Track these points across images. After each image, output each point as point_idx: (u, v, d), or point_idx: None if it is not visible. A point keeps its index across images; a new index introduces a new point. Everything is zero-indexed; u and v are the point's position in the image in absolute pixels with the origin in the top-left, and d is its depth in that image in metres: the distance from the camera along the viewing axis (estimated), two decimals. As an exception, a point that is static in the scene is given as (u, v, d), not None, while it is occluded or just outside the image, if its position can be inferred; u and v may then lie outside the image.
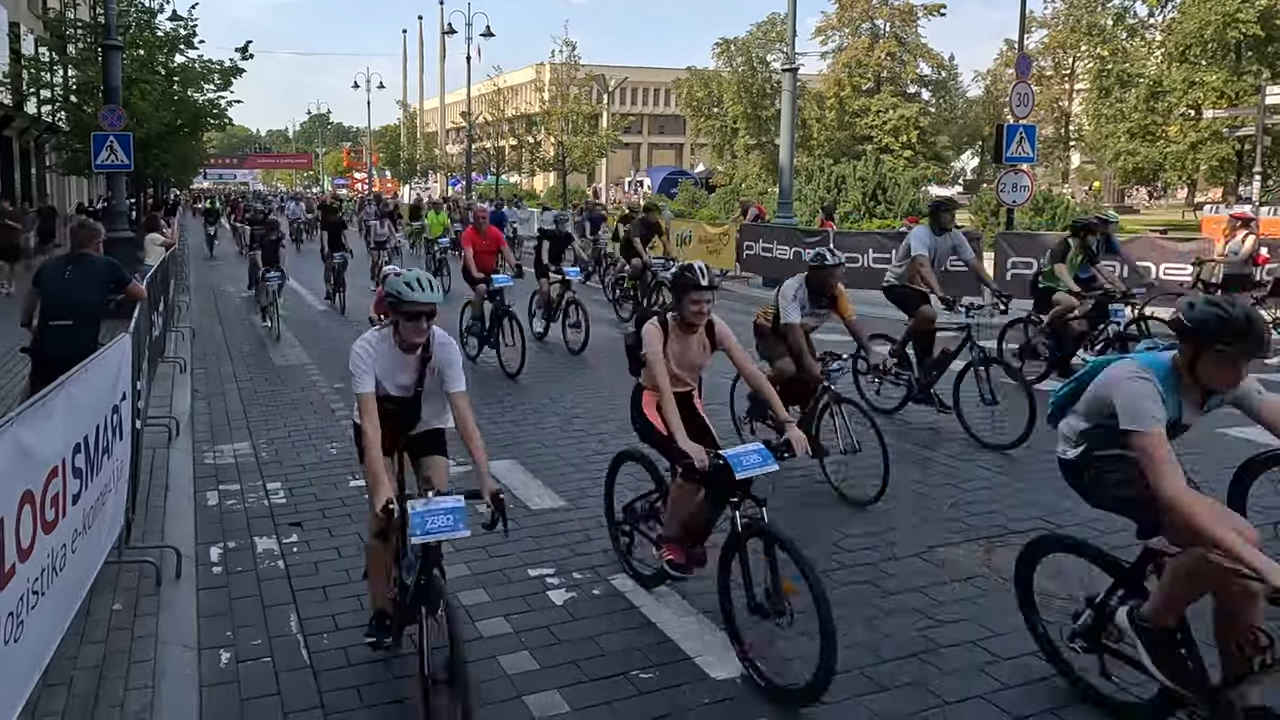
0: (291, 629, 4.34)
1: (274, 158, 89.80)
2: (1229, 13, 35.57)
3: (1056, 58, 51.32)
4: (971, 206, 29.22)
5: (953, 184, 60.68)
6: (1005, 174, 15.21)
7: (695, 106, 59.77)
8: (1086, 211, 25.40)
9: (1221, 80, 37.11)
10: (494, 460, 6.84)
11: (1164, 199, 55.76)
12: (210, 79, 22.00)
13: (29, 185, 29.30)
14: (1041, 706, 3.69)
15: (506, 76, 45.80)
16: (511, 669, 3.96)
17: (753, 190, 36.04)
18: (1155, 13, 42.67)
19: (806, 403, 6.28)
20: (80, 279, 6.13)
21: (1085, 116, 48.35)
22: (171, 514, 5.64)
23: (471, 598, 4.61)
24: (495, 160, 48.82)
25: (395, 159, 67.23)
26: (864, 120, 53.08)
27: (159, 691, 3.71)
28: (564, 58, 40.60)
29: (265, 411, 8.49)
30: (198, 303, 16.11)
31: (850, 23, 54.34)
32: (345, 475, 6.57)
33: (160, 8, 21.59)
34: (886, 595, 4.60)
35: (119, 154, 14.46)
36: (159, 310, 9.26)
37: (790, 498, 6.04)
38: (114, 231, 14.56)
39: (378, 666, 3.99)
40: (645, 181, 57.53)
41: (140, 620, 4.27)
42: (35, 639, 3.24)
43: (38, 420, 3.32)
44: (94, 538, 4.07)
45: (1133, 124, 40.40)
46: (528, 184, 58.70)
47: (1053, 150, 51.60)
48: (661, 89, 76.96)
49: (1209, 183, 43.14)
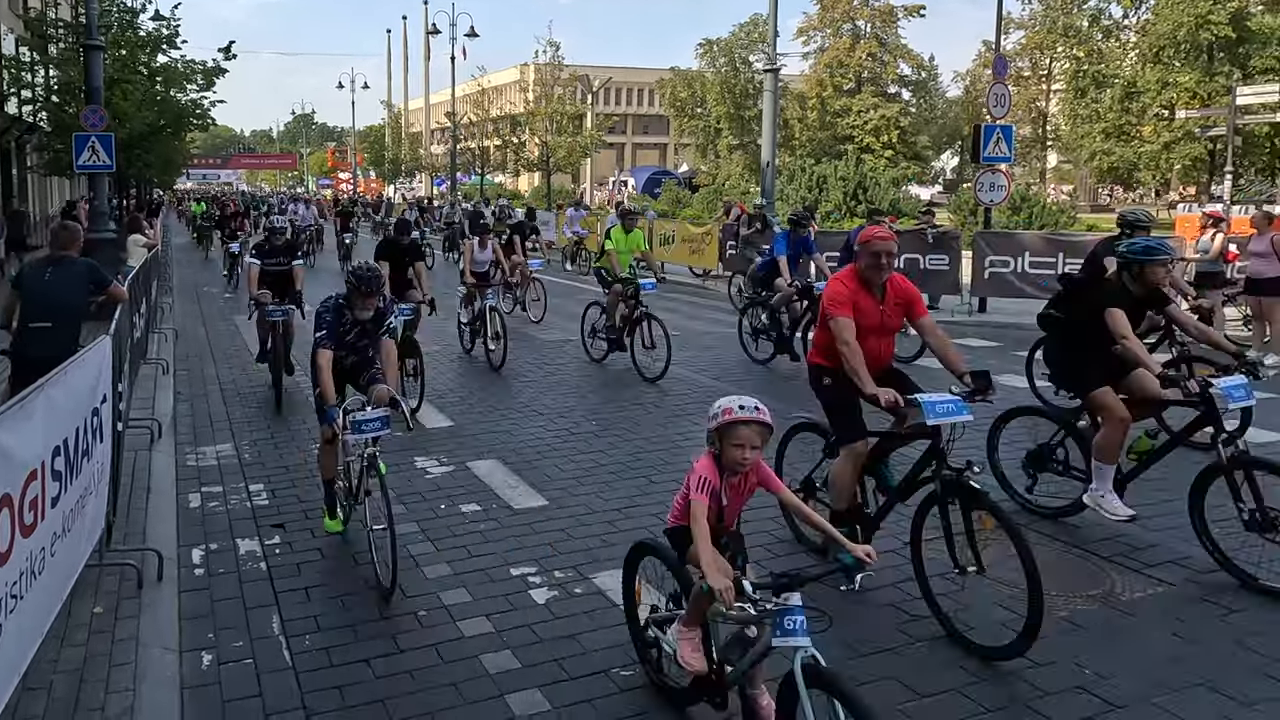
0: (274, 630, 4.35)
1: (258, 158, 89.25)
2: (1201, 15, 36.08)
3: (1034, 59, 51.72)
4: (951, 206, 29.49)
5: (933, 183, 61.06)
6: (983, 174, 15.34)
7: (679, 107, 59.92)
8: (1064, 211, 25.71)
9: (1194, 81, 37.59)
10: (478, 460, 6.89)
11: (1144, 198, 56.22)
12: (193, 79, 21.92)
13: (10, 186, 29.00)
14: (1015, 699, 3.75)
15: (491, 77, 45.76)
16: (493, 668, 3.99)
17: (736, 190, 36.21)
18: (1130, 14, 43.20)
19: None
20: (60, 281, 6.10)
21: (1062, 117, 48.83)
22: (153, 516, 5.64)
23: (453, 597, 4.64)
24: (480, 160, 48.73)
25: (380, 159, 67.02)
26: (845, 120, 53.32)
27: (140, 694, 3.72)
28: (548, 58, 40.58)
29: (248, 413, 8.48)
30: (180, 304, 16.02)
31: (831, 23, 54.60)
32: (327, 476, 6.57)
33: (143, 8, 21.54)
34: (863, 590, 4.65)
35: (101, 154, 14.37)
36: (141, 311, 9.22)
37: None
38: (96, 232, 14.50)
39: (359, 667, 4.01)
40: (629, 181, 57.54)
41: (121, 623, 4.27)
42: (14, 642, 3.24)
43: (16, 423, 3.31)
44: (74, 541, 4.06)
45: (1108, 124, 40.87)
46: (512, 184, 58.61)
47: (1030, 150, 51.98)
48: (645, 89, 77.04)
49: (1182, 182, 43.62)
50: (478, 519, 5.73)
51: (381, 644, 4.20)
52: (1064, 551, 5.21)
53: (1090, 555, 5.14)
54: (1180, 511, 5.06)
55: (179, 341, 12.04)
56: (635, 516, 5.73)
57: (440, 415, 8.28)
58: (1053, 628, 4.25)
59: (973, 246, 14.66)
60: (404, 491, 6.21)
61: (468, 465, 6.78)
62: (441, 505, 5.97)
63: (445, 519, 5.73)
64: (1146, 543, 5.28)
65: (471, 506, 5.92)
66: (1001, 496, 5.71)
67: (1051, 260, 13.76)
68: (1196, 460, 5.42)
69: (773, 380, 9.77)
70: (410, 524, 5.61)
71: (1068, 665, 3.98)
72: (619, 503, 5.99)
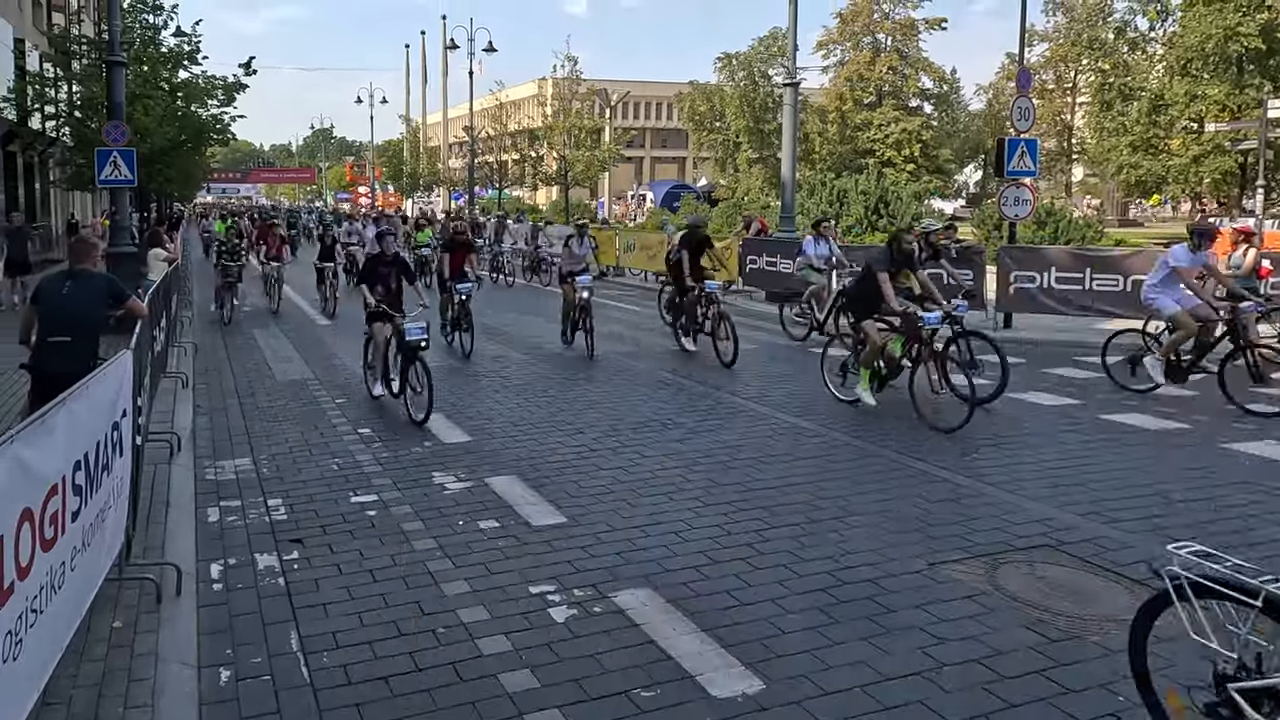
0: (292, 647, 4.32)
1: (277, 172, 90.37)
2: (1230, 26, 35.67)
3: (1058, 71, 51.55)
4: (974, 220, 29.27)
5: (955, 197, 60.83)
6: (1007, 188, 15.21)
7: (697, 120, 60.10)
8: (1090, 225, 25.44)
9: (1223, 93, 37.18)
10: (496, 476, 6.86)
11: (1174, 211, 55.75)
12: (214, 94, 22.13)
13: (33, 200, 29.37)
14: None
15: (508, 91, 46.13)
16: (512, 687, 3.93)
17: (755, 204, 36.14)
18: (1156, 26, 42.87)
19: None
20: (78, 295, 6.03)
21: (1088, 130, 48.48)
22: (172, 530, 5.63)
23: (471, 615, 4.59)
24: (498, 174, 48.99)
25: (398, 173, 67.53)
26: (866, 134, 53.27)
27: (158, 709, 3.69)
28: (566, 72, 40.82)
29: (267, 427, 8.49)
30: (200, 318, 16.14)
31: (852, 37, 54.67)
32: (346, 492, 6.56)
33: (165, 24, 21.78)
34: (888, 612, 4.58)
35: (122, 169, 14.52)
36: (161, 326, 9.27)
37: (795, 509, 6.02)
38: (117, 246, 14.64)
39: (378, 685, 3.97)
40: (648, 195, 57.67)
41: (140, 637, 4.26)
42: (34, 657, 3.22)
43: (38, 437, 3.31)
44: (94, 555, 4.05)
45: (1135, 137, 40.48)
46: (530, 198, 58.87)
47: (1055, 163, 51.71)
48: (664, 103, 77.34)
49: (1212, 196, 43.14)
50: (496, 535, 5.69)
51: (400, 662, 4.16)
52: (1094, 573, 5.10)
53: (1123, 577, 5.03)
54: (1217, 525, 4.95)
55: (198, 355, 12.12)
56: (655, 535, 5.67)
57: (457, 430, 8.25)
58: (1086, 652, 4.15)
59: (997, 261, 14.54)
60: (422, 507, 6.18)
61: (486, 481, 6.74)
62: (460, 521, 5.93)
63: (463, 535, 5.69)
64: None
65: (490, 523, 5.88)
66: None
67: (1079, 275, 13.61)
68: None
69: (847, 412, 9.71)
70: (428, 540, 5.58)
71: (1099, 693, 3.88)
72: (640, 520, 5.93)
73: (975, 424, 7.97)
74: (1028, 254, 14.80)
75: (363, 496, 6.45)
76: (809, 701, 3.81)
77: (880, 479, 6.80)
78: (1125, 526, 5.74)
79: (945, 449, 7.55)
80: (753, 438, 7.97)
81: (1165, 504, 6.15)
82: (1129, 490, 6.46)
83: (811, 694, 3.87)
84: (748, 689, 3.89)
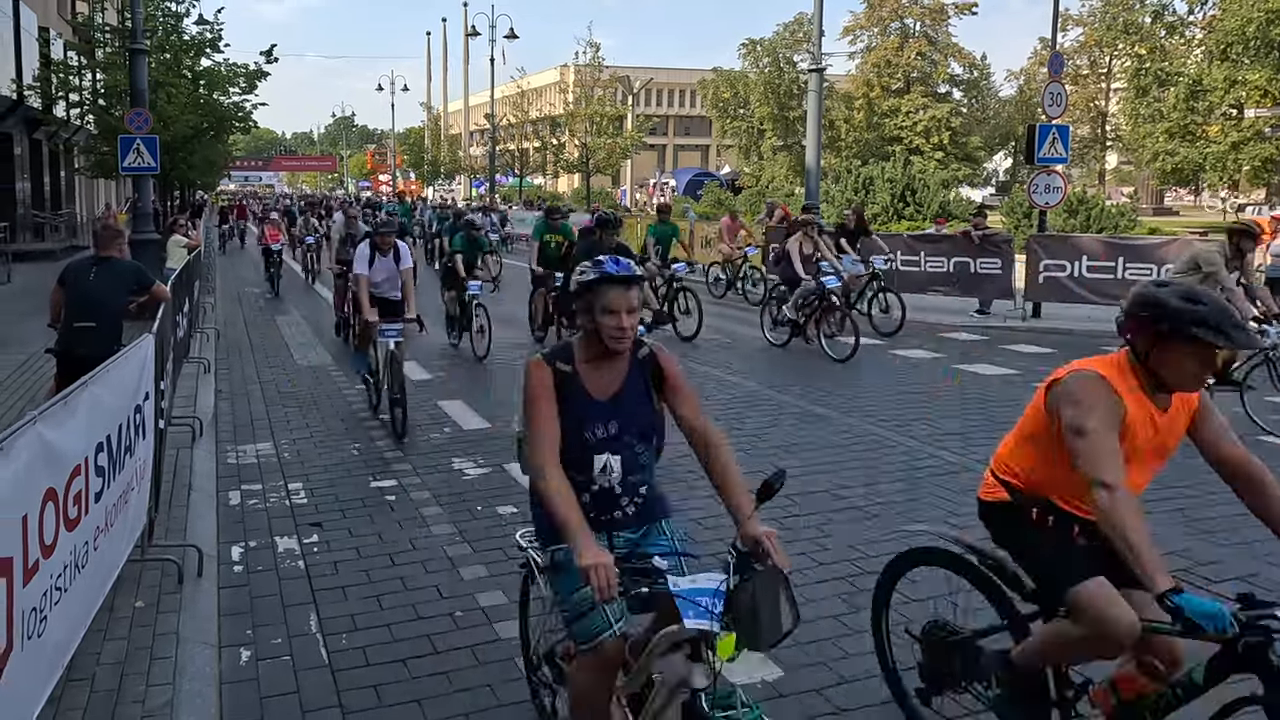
0: (311, 628, 4.34)
1: (298, 160, 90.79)
2: (1272, 10, 34.63)
3: (1093, 56, 50.61)
4: (1003, 208, 28.85)
5: (985, 185, 60.08)
6: (1038, 175, 14.99)
7: (721, 108, 59.65)
8: (1124, 214, 24.94)
9: (1264, 79, 36.15)
10: (514, 462, 6.84)
11: (1211, 201, 54.72)
12: (236, 82, 22.28)
13: (58, 188, 29.74)
14: None
15: (530, 78, 45.99)
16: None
17: (779, 192, 35.94)
18: (1195, 10, 41.82)
19: None
20: (104, 281, 6.13)
21: (1122, 116, 47.46)
22: (194, 513, 5.68)
23: (490, 599, 4.59)
24: (519, 162, 48.96)
25: (419, 161, 67.69)
26: (893, 121, 52.63)
27: (179, 688, 3.73)
28: (588, 59, 40.59)
29: (287, 412, 8.55)
30: (222, 304, 16.27)
31: (879, 22, 53.97)
32: (366, 476, 6.59)
33: (187, 12, 21.97)
34: (855, 611, 4.42)
35: (145, 157, 14.63)
36: (184, 311, 9.35)
37: (817, 498, 5.98)
38: (140, 233, 14.75)
39: (396, 667, 3.99)
40: (671, 183, 57.49)
41: (162, 618, 4.30)
42: (58, 635, 3.26)
43: (61, 418, 3.34)
44: (116, 535, 4.09)
45: (1171, 124, 39.46)
46: (552, 186, 58.84)
47: (1089, 150, 50.84)
48: (687, 90, 76.91)
49: (1251, 184, 42.19)
50: (514, 521, 5.68)
51: (418, 644, 4.17)
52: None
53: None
54: (1241, 523, 4.85)
55: (220, 341, 12.21)
56: (675, 521, 5.62)
57: (477, 417, 8.27)
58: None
59: (1026, 250, 14.35)
60: (441, 493, 6.19)
61: (504, 467, 6.74)
62: (478, 507, 5.94)
63: (482, 520, 5.70)
64: (1209, 559, 5.08)
65: (508, 509, 5.89)
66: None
67: (1111, 265, 13.41)
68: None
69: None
70: (447, 525, 5.59)
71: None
72: (658, 506, 5.90)
73: (1002, 414, 7.87)
74: (1058, 243, 14.61)
75: (382, 481, 6.47)
76: (828, 690, 3.79)
77: (904, 469, 6.75)
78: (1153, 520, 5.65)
79: (973, 439, 7.47)
80: (776, 428, 7.93)
81: (1194, 499, 6.05)
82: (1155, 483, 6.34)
83: (830, 682, 3.84)
84: (766, 675, 3.87)
